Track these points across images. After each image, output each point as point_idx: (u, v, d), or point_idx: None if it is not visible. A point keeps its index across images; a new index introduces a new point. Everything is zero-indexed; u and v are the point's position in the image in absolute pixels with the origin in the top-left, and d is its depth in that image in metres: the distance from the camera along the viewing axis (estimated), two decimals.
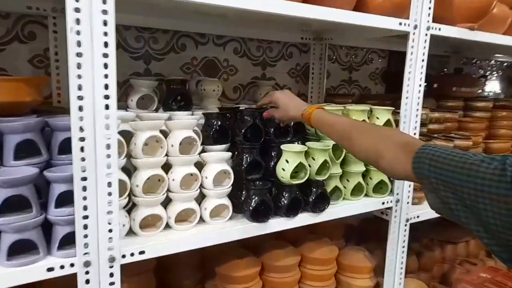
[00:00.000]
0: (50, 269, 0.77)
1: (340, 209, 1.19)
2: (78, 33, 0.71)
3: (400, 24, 1.18)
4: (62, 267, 0.78)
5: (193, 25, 1.40)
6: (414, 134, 1.27)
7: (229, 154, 1.02)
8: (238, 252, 1.28)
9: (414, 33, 1.21)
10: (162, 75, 1.41)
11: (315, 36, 1.65)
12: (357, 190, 1.26)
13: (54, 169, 0.81)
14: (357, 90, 1.95)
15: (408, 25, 1.19)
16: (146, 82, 1.12)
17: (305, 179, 1.07)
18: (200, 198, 1.02)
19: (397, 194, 1.28)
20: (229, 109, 1.16)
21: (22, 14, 1.17)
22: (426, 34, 1.23)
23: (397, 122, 1.27)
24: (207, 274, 1.30)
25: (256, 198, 1.02)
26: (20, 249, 0.76)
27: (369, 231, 1.66)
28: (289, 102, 1.02)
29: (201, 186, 1.00)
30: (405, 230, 1.32)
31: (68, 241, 0.79)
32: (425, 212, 1.37)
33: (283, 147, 1.05)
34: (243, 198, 1.05)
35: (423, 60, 1.24)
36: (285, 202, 1.06)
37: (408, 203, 1.31)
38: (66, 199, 0.78)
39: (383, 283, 1.37)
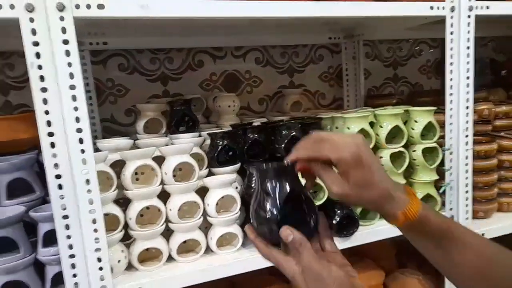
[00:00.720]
0: None
1: (374, 231, 1.02)
2: (39, 67, 0.68)
3: (432, 8, 0.98)
4: None
5: (207, 40, 1.34)
6: (466, 136, 1.05)
7: (233, 176, 0.93)
8: (267, 280, 1.17)
9: (452, 17, 1.01)
10: (181, 94, 1.37)
11: (345, 34, 1.49)
12: None
13: (43, 207, 0.79)
14: (406, 88, 1.72)
15: (443, 8, 0.99)
16: (151, 106, 1.09)
17: (324, 199, 0.93)
18: (207, 227, 0.94)
19: (451, 209, 1.07)
20: (239, 126, 1.07)
21: None
22: (469, 16, 1.02)
23: (442, 123, 1.07)
24: None
25: None
26: None
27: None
28: (379, 173, 0.49)
29: (206, 214, 0.92)
30: None
31: (61, 281, 0.76)
32: (494, 228, 1.12)
33: None
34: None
35: (468, 47, 1.03)
36: None
37: (467, 218, 1.08)
38: (53, 238, 0.75)
39: None
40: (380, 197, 0.49)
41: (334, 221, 0.97)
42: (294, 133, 0.99)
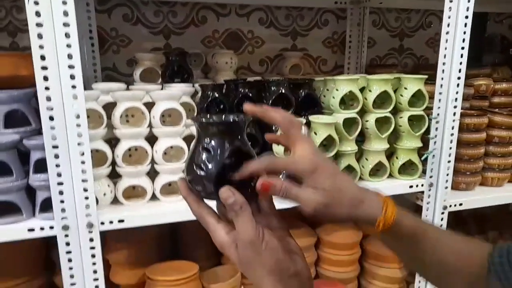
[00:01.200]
0: (31, 230, 0.83)
1: None
2: (36, 3, 0.72)
3: None
4: (42, 228, 0.83)
5: None
6: (455, 107, 1.06)
7: None
8: None
9: None
10: (183, 49, 1.39)
11: None
12: (379, 171, 1.11)
13: (36, 137, 0.85)
14: (410, 60, 1.70)
15: None
16: (149, 55, 1.12)
17: None
18: None
19: (431, 177, 1.09)
20: (232, 81, 1.10)
21: None
22: None
23: (431, 94, 1.07)
24: None
25: None
26: (7, 211, 0.83)
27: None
28: (342, 184, 0.46)
29: None
30: (441, 219, 1.13)
31: (50, 205, 0.83)
32: (472, 200, 1.15)
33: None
34: None
35: (466, 17, 1.01)
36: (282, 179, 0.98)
37: (446, 188, 1.10)
38: (43, 166, 0.81)
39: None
40: (352, 200, 0.46)
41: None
42: (282, 90, 1.01)
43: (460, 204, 1.13)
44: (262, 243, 0.43)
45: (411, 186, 1.10)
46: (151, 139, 0.94)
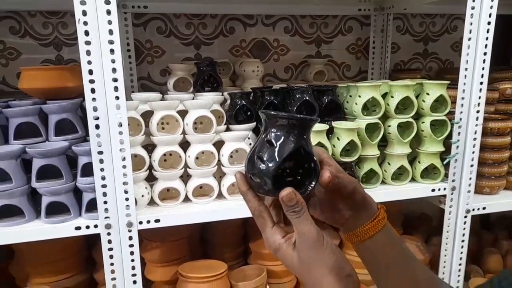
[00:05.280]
0: (78, 228, 0.91)
1: (375, 195, 1.09)
2: (85, 23, 0.81)
3: None
4: (87, 227, 0.91)
5: (240, 7, 1.42)
6: (477, 112, 1.07)
7: (247, 133, 1.03)
8: None
9: None
10: (212, 59, 1.47)
11: (376, 6, 1.50)
12: (402, 175, 1.14)
13: (82, 144, 0.94)
14: (435, 64, 1.71)
15: None
16: (181, 66, 1.20)
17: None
18: (221, 175, 1.06)
19: (453, 181, 1.11)
20: (258, 88, 1.16)
21: None
22: None
23: (454, 99, 1.09)
24: (249, 250, 1.34)
25: None
26: (57, 210, 0.92)
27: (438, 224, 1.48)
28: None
29: (221, 164, 1.04)
30: (464, 223, 1.14)
31: (94, 206, 0.92)
32: (496, 204, 1.16)
33: None
34: None
35: (489, 23, 1.03)
36: None
37: (469, 191, 1.12)
38: (90, 170, 0.90)
39: None
40: (361, 195, 0.51)
41: None
42: (306, 97, 1.06)
43: (484, 208, 1.14)
44: (323, 242, 0.44)
45: (433, 190, 1.12)
46: (184, 145, 1.02)
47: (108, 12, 0.82)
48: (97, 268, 1.21)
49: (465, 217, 1.14)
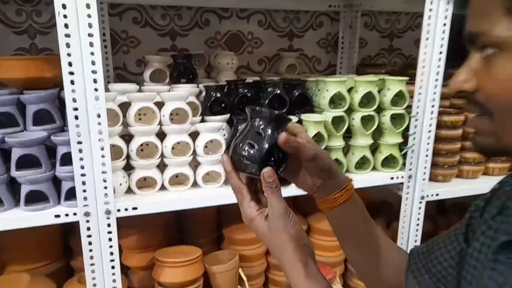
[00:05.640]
0: (57, 216, 0.95)
1: None
2: (65, 16, 0.83)
3: None
4: (66, 215, 0.95)
5: (216, 0, 1.45)
6: (432, 106, 1.17)
7: (220, 124, 1.09)
8: None
9: None
10: (187, 50, 1.50)
11: (346, 3, 1.58)
12: (364, 164, 1.23)
13: (61, 134, 0.97)
14: (399, 59, 1.81)
15: None
16: (157, 57, 1.23)
17: None
18: (196, 165, 1.11)
19: (410, 169, 1.22)
20: (232, 81, 1.21)
21: None
22: None
23: (412, 94, 1.19)
24: (222, 236, 1.41)
25: None
26: (36, 199, 0.95)
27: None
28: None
29: (196, 154, 1.09)
30: (419, 208, 1.25)
31: (73, 194, 0.95)
32: (447, 191, 1.28)
33: None
34: None
35: (444, 24, 1.12)
36: None
37: (424, 179, 1.23)
38: (69, 159, 0.93)
39: None
40: (330, 165, 0.58)
41: None
42: (278, 91, 1.13)
43: (437, 195, 1.26)
44: (289, 215, 0.55)
45: (392, 178, 1.22)
46: (160, 135, 1.06)
47: (88, 6, 0.84)
48: (74, 256, 1.25)
49: (420, 202, 1.25)
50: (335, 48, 1.70)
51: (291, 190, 0.68)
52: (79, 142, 0.91)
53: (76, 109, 0.89)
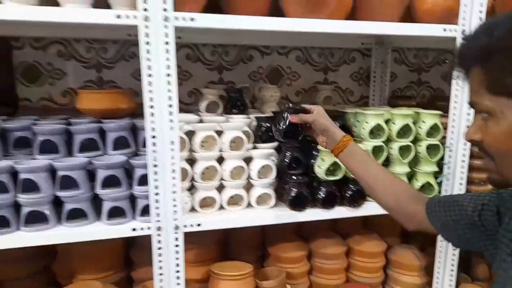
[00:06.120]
0: (134, 229, 1.08)
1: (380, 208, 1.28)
2: (148, 59, 0.99)
3: (445, 30, 1.21)
4: (142, 228, 1.08)
5: (258, 39, 1.62)
6: None
7: (272, 151, 1.22)
8: (290, 237, 1.46)
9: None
10: (233, 82, 1.66)
11: (377, 40, 1.72)
12: None
13: (138, 157, 1.11)
14: (427, 92, 1.93)
15: (455, 30, 1.22)
16: (212, 91, 1.38)
17: (339, 176, 1.20)
18: (249, 187, 1.23)
19: None
20: (279, 112, 1.34)
21: (126, 40, 1.53)
22: None
23: (446, 125, 1.30)
24: (266, 253, 1.51)
25: (294, 190, 1.19)
26: (116, 214, 1.08)
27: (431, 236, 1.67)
28: (331, 120, 1.00)
29: (249, 177, 1.21)
30: None
31: (147, 210, 1.08)
32: None
33: (319, 147, 1.19)
34: (285, 190, 1.23)
35: None
36: (322, 195, 1.21)
37: None
38: (144, 180, 1.07)
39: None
40: (333, 128, 0.97)
41: (347, 194, 1.24)
42: None
43: None
44: None
45: None
46: (219, 159, 1.19)
47: (167, 51, 1.00)
48: (134, 267, 1.36)
49: None
50: (366, 81, 1.83)
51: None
52: (155, 165, 1.04)
53: (154, 137, 1.03)
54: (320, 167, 1.18)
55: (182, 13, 0.98)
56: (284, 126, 1.00)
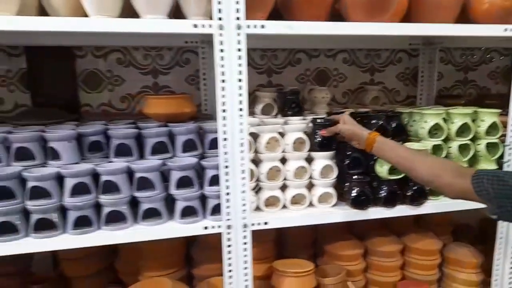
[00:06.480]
0: (205, 228, 1.12)
1: (440, 205, 1.29)
2: (222, 66, 1.03)
3: (506, 30, 1.21)
4: (213, 227, 1.12)
5: (307, 43, 1.65)
6: None
7: (332, 152, 1.24)
8: (345, 236, 1.49)
9: None
10: (281, 85, 1.69)
11: (425, 41, 1.72)
12: None
13: (207, 159, 1.15)
14: (473, 91, 1.92)
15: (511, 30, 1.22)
16: (267, 94, 1.41)
17: (401, 175, 1.22)
18: (311, 187, 1.26)
19: None
20: (334, 113, 1.36)
21: (181, 47, 1.59)
22: None
23: (505, 124, 1.30)
24: (318, 251, 1.54)
25: (356, 189, 1.21)
26: (188, 213, 1.13)
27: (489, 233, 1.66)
28: (356, 124, 1.15)
29: (311, 177, 1.24)
30: None
31: (217, 210, 1.12)
32: None
33: None
34: (346, 189, 1.26)
35: None
36: (383, 194, 1.23)
37: None
38: (215, 180, 1.11)
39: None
40: (359, 131, 1.10)
41: (408, 193, 1.25)
42: (381, 122, 1.27)
43: None
44: None
45: None
46: (281, 160, 1.23)
47: (239, 58, 1.04)
48: (194, 265, 1.41)
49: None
50: (412, 81, 1.83)
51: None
52: (226, 167, 1.09)
53: (225, 139, 1.07)
54: (382, 166, 1.20)
55: (254, 21, 1.02)
56: (318, 140, 1.20)
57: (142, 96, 1.59)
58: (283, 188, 1.24)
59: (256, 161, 1.23)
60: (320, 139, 1.21)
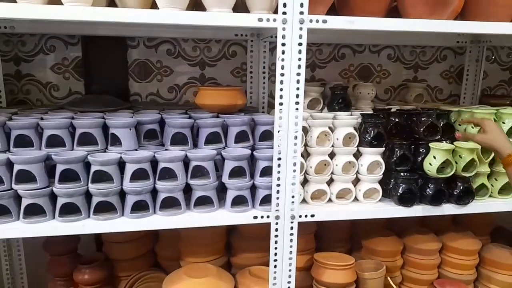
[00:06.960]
0: (255, 217, 1.16)
1: (485, 205, 1.29)
2: (283, 60, 1.05)
3: None
4: (262, 217, 1.16)
5: (352, 38, 1.65)
6: None
7: (382, 148, 1.25)
8: (383, 232, 1.50)
9: None
10: (324, 80, 1.71)
11: (473, 39, 1.70)
12: (507, 190, 1.33)
13: (259, 151, 1.19)
14: None
15: None
16: (315, 88, 1.44)
17: (450, 174, 1.22)
18: (357, 182, 1.28)
19: None
20: (381, 110, 1.37)
21: (229, 39, 1.62)
22: None
23: None
24: (354, 246, 1.56)
25: (403, 186, 1.23)
26: (238, 202, 1.17)
27: None
28: (502, 134, 1.19)
29: (358, 172, 1.26)
30: None
31: (266, 200, 1.16)
32: None
33: (431, 144, 1.21)
34: (391, 186, 1.27)
35: None
36: (430, 192, 1.24)
37: None
38: (265, 172, 1.14)
39: None
40: (501, 147, 1.16)
41: (455, 192, 1.25)
42: (431, 120, 1.27)
43: None
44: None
45: None
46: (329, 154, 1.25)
47: (300, 52, 1.06)
48: (233, 253, 1.45)
49: None
50: (456, 79, 1.81)
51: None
52: (279, 159, 1.12)
53: (279, 131, 1.10)
54: (432, 164, 1.21)
55: (316, 16, 1.04)
56: (371, 136, 1.23)
57: (189, 87, 1.64)
58: (329, 181, 1.26)
59: (303, 155, 1.25)
60: (371, 136, 1.22)
